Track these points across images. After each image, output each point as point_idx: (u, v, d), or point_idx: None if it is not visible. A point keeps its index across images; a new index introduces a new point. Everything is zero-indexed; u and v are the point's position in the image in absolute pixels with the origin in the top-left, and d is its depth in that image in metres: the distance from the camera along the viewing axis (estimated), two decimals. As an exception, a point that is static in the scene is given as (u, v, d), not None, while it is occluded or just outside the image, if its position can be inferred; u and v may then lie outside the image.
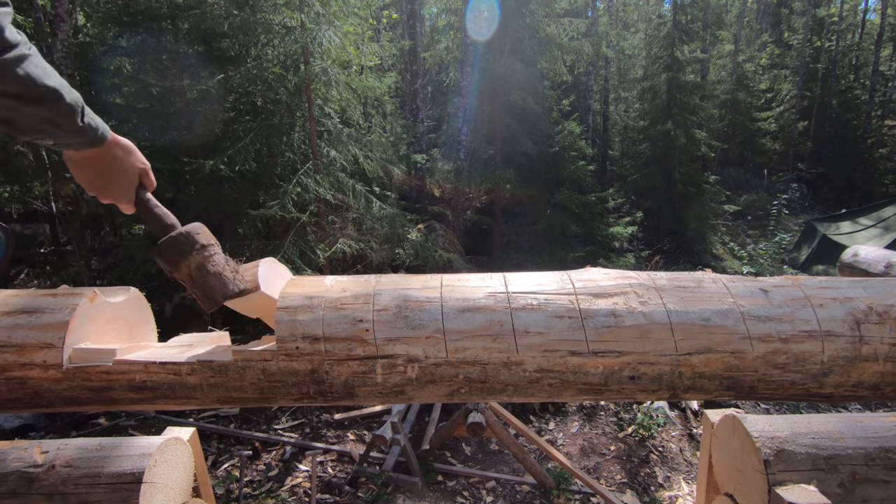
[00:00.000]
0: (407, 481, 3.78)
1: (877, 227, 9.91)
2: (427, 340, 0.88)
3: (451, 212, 9.39)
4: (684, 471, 4.25)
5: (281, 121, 5.21)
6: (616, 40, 15.62)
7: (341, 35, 4.96)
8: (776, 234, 10.02)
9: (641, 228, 11.85)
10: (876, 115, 17.09)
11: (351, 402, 0.95)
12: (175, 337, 1.08)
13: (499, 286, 0.96)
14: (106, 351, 0.91)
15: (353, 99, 5.49)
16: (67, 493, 0.79)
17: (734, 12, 19.45)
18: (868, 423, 0.87)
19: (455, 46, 10.66)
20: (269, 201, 4.70)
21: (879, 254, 1.87)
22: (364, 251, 5.55)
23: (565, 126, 9.70)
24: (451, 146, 9.78)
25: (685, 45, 11.78)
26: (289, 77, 4.95)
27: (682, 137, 11.43)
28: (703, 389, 0.93)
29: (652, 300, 0.93)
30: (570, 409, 5.06)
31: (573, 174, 9.70)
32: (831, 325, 0.91)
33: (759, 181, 16.55)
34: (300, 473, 3.94)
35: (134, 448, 0.83)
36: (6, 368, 0.87)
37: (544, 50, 9.45)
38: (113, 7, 4.73)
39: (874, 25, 19.53)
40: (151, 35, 4.89)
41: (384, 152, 6.25)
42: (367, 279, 0.99)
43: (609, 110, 14.71)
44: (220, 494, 3.61)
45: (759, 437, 0.82)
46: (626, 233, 9.70)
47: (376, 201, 5.57)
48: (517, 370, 0.90)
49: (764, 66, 19.06)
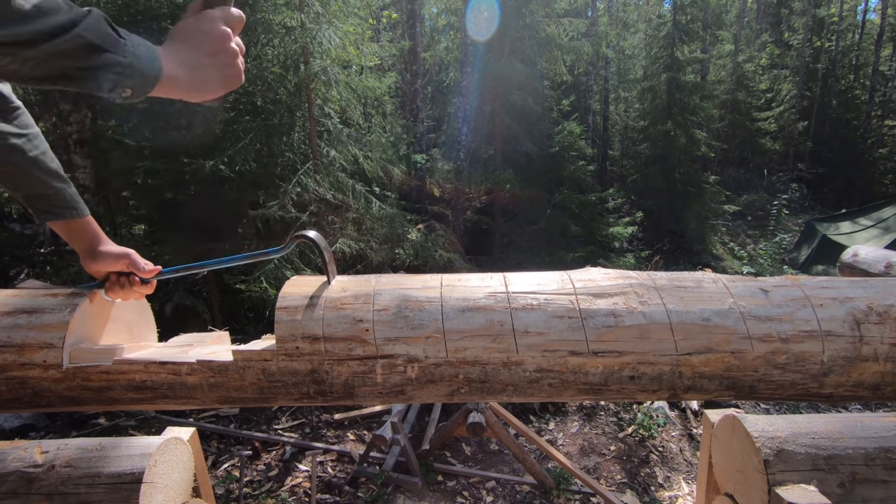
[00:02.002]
0: (407, 481, 3.78)
1: (876, 228, 9.91)
2: (427, 340, 0.88)
3: (451, 212, 9.38)
4: (684, 471, 4.25)
5: (281, 121, 5.21)
6: (616, 40, 15.60)
7: (341, 35, 4.96)
8: (776, 234, 10.03)
9: (641, 228, 11.84)
10: (876, 115, 17.09)
11: (351, 402, 0.95)
12: (175, 337, 1.08)
13: (499, 286, 0.96)
14: (106, 351, 0.91)
15: (353, 99, 5.49)
16: (67, 493, 0.79)
17: (734, 12, 19.44)
18: (868, 423, 0.87)
19: (455, 46, 10.67)
20: (269, 201, 4.70)
21: (879, 254, 1.87)
22: (364, 251, 5.55)
23: (565, 126, 9.70)
24: (451, 146, 9.78)
25: (685, 45, 11.78)
26: (289, 77, 4.95)
27: (682, 137, 11.43)
28: (703, 389, 0.93)
29: (652, 300, 0.93)
30: (570, 409, 5.06)
31: (573, 174, 9.70)
32: (831, 325, 0.91)
33: (759, 181, 16.55)
34: (300, 473, 3.94)
35: (134, 448, 0.83)
36: (6, 368, 0.87)
37: (544, 50, 9.45)
38: (113, 7, 4.73)
39: (874, 25, 19.52)
40: (151, 35, 4.87)
41: (384, 152, 6.25)
42: (367, 279, 0.99)
43: (609, 110, 14.70)
44: (220, 494, 3.61)
45: (759, 437, 0.82)
46: (626, 233, 9.70)
47: (376, 201, 5.57)
48: (517, 370, 0.90)
49: (764, 66, 19.05)
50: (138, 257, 1.00)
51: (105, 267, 0.98)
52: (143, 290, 1.02)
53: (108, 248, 0.99)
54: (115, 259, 0.98)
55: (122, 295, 1.00)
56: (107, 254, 0.98)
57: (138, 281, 1.00)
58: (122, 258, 0.98)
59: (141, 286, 1.01)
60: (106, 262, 0.98)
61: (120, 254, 0.98)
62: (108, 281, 0.99)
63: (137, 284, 1.00)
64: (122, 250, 0.99)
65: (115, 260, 0.98)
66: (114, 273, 0.99)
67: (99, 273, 0.99)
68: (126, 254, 0.99)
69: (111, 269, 0.98)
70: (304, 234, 0.95)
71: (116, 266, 0.98)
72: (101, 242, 0.99)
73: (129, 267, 0.99)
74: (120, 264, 0.98)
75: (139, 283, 1.00)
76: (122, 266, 0.99)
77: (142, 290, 1.02)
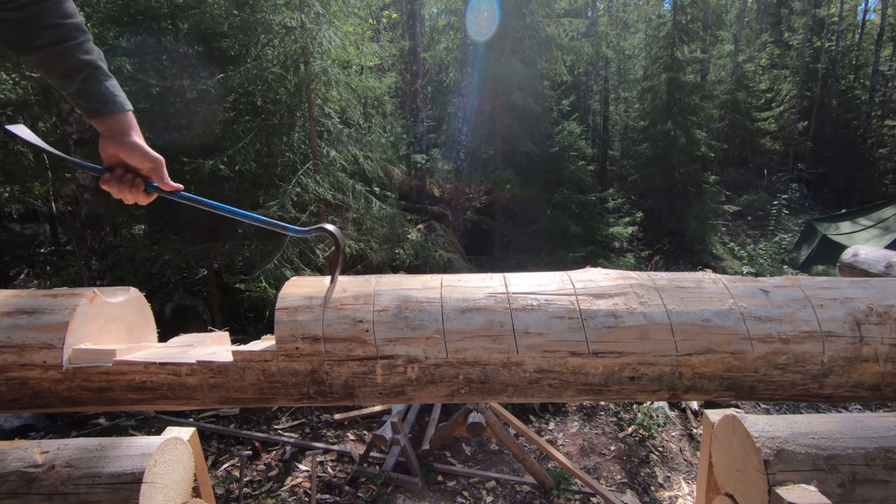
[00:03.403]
0: (407, 481, 3.78)
1: (877, 228, 9.91)
2: (427, 341, 0.88)
3: (451, 212, 9.38)
4: (684, 471, 4.25)
5: (281, 121, 5.21)
6: (616, 40, 15.60)
7: (341, 35, 4.96)
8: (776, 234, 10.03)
9: (641, 228, 11.84)
10: (876, 115, 17.09)
11: (351, 402, 0.94)
12: (175, 337, 1.08)
13: (499, 286, 0.96)
14: (106, 351, 0.91)
15: (353, 99, 5.49)
16: (67, 493, 0.79)
17: (734, 12, 19.43)
18: (868, 423, 0.87)
19: (455, 46, 10.66)
20: (268, 201, 4.70)
21: (879, 254, 1.87)
22: (364, 251, 5.55)
23: (565, 126, 9.70)
24: (451, 146, 9.78)
25: (685, 46, 11.78)
26: (289, 77, 4.95)
27: (682, 137, 11.43)
28: (703, 390, 0.93)
29: (652, 301, 0.93)
30: (570, 409, 5.06)
31: (573, 174, 9.70)
32: (832, 325, 0.91)
33: (759, 181, 16.54)
34: (300, 473, 3.94)
35: (134, 448, 0.83)
36: (6, 369, 0.87)
37: (544, 50, 9.45)
38: (113, 7, 4.72)
39: (874, 25, 19.52)
40: (151, 35, 4.89)
41: (384, 152, 6.25)
42: (367, 279, 0.99)
43: (609, 110, 14.70)
44: (220, 494, 3.61)
45: (759, 437, 0.82)
46: (626, 233, 9.70)
47: (376, 201, 5.57)
48: (517, 371, 0.90)
49: (764, 66, 19.05)
50: (164, 170, 0.97)
51: (126, 155, 0.93)
52: (139, 196, 0.97)
53: (141, 141, 0.94)
54: (142, 155, 0.94)
55: (115, 189, 0.95)
56: (137, 145, 0.94)
57: (141, 186, 0.95)
58: (151, 159, 0.95)
59: (139, 193, 0.96)
60: (133, 151, 0.93)
61: (151, 154, 0.95)
62: (111, 171, 0.94)
63: (138, 188, 0.95)
64: (154, 153, 0.95)
65: (142, 156, 0.94)
66: (121, 166, 0.95)
67: (113, 156, 0.94)
68: (156, 158, 0.96)
69: (130, 160, 0.94)
70: (325, 228, 0.95)
71: (139, 162, 0.94)
72: (137, 133, 0.95)
73: (152, 172, 0.95)
74: (146, 162, 0.95)
75: (141, 188, 0.95)
76: (147, 165, 0.95)
77: (138, 197, 0.97)
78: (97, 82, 0.91)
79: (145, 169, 0.96)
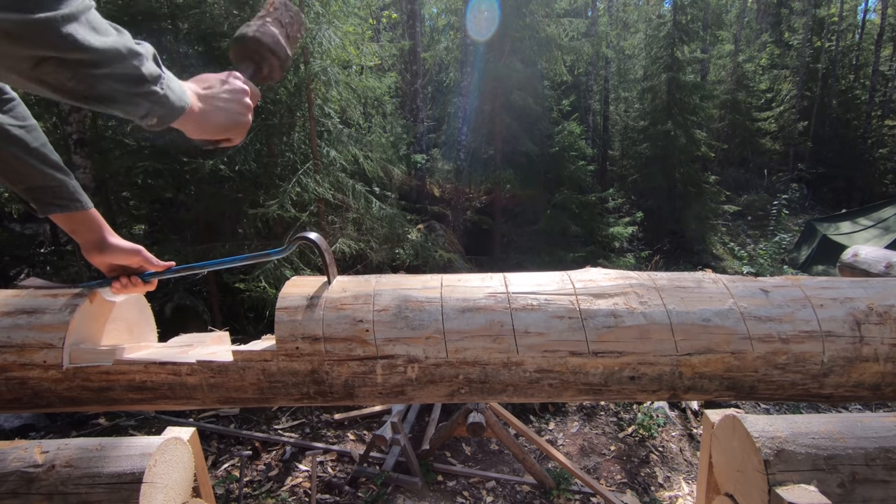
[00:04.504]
0: (407, 481, 3.78)
1: (877, 228, 9.91)
2: (427, 341, 0.88)
3: (451, 212, 9.39)
4: (684, 471, 4.25)
5: (281, 120, 5.21)
6: (616, 40, 15.60)
7: (341, 35, 4.96)
8: (776, 234, 10.04)
9: (641, 228, 11.85)
10: (876, 115, 17.09)
11: (351, 402, 0.94)
12: (175, 337, 1.08)
13: (499, 286, 0.96)
14: (106, 351, 0.91)
15: (353, 99, 5.49)
16: (67, 493, 0.79)
17: (734, 12, 19.44)
18: (868, 423, 0.87)
19: (455, 46, 10.67)
20: (268, 201, 4.70)
21: (879, 254, 1.87)
22: (364, 251, 5.55)
23: (565, 126, 9.70)
24: (451, 146, 9.79)
25: (685, 46, 11.78)
26: (289, 77, 4.95)
27: (682, 137, 11.44)
28: (703, 390, 0.93)
29: (652, 300, 0.93)
30: (570, 409, 5.06)
31: (573, 174, 9.70)
32: (832, 325, 0.91)
33: (759, 181, 16.55)
34: (300, 473, 3.94)
35: (134, 448, 0.83)
36: (6, 369, 0.87)
37: (544, 50, 9.45)
38: (113, 7, 4.73)
39: (874, 25, 19.52)
40: (151, 35, 4.89)
41: (384, 152, 6.24)
42: (367, 279, 0.99)
43: (609, 110, 14.71)
44: (220, 494, 3.61)
45: (759, 437, 0.82)
46: (626, 233, 9.71)
47: (376, 201, 5.57)
48: (517, 370, 0.90)
49: (764, 66, 19.06)
50: (148, 253, 1.00)
51: (114, 259, 0.96)
52: (145, 287, 1.01)
53: (117, 241, 0.97)
54: (124, 253, 0.97)
55: (125, 292, 0.99)
56: (116, 246, 0.96)
57: (138, 281, 0.99)
58: (132, 253, 0.97)
59: (143, 284, 1.00)
60: (115, 254, 0.96)
61: (130, 248, 0.97)
62: (116, 279, 0.98)
63: (140, 283, 1.00)
64: (132, 245, 0.98)
65: (125, 254, 0.97)
66: (121, 269, 0.98)
67: (104, 265, 0.97)
68: (137, 249, 0.98)
69: (119, 262, 0.97)
70: (304, 236, 0.95)
71: (126, 260, 0.97)
72: (109, 234, 0.97)
73: (142, 262, 0.98)
74: (131, 258, 0.97)
75: (141, 280, 1.00)
76: (134, 261, 0.98)
77: (145, 288, 1.01)
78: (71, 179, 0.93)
79: (135, 263, 0.99)
